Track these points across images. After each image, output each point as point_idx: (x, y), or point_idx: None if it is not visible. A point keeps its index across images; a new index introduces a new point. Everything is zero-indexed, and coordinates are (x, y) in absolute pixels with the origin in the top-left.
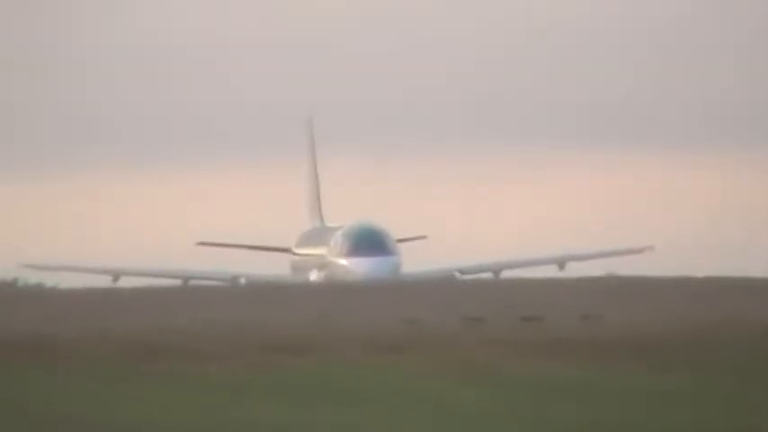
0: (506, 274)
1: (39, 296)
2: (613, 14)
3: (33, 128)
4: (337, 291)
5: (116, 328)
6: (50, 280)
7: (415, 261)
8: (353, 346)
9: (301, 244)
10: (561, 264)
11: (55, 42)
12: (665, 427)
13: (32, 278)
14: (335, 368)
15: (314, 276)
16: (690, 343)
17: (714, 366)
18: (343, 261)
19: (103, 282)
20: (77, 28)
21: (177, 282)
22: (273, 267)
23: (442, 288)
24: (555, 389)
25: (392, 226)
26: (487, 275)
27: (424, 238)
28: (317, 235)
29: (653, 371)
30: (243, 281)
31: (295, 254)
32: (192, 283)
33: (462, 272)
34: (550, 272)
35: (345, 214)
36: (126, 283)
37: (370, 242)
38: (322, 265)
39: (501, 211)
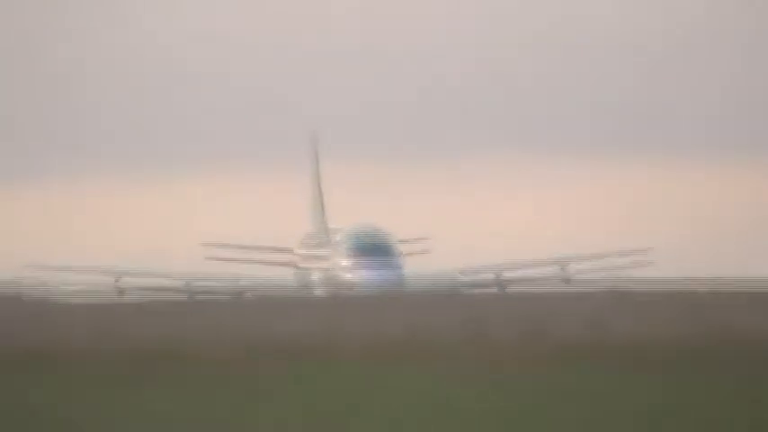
0: (508, 275)
1: (45, 305)
2: (614, 20)
3: (39, 133)
4: (340, 295)
5: (122, 337)
6: (53, 281)
7: (416, 263)
8: (357, 353)
9: (304, 246)
10: (563, 266)
11: (60, 48)
12: None
13: (36, 279)
14: (338, 374)
15: (316, 279)
16: (692, 352)
17: (716, 375)
18: (346, 263)
19: (105, 281)
20: (80, 33)
21: (180, 283)
22: (276, 271)
23: (446, 296)
24: (559, 396)
25: (394, 228)
26: (489, 276)
27: (425, 239)
28: (321, 238)
29: (656, 379)
30: (245, 283)
31: (297, 256)
32: (195, 284)
33: (464, 273)
34: (553, 274)
35: (348, 217)
36: (129, 283)
37: (372, 245)
38: (325, 267)
39: (503, 214)
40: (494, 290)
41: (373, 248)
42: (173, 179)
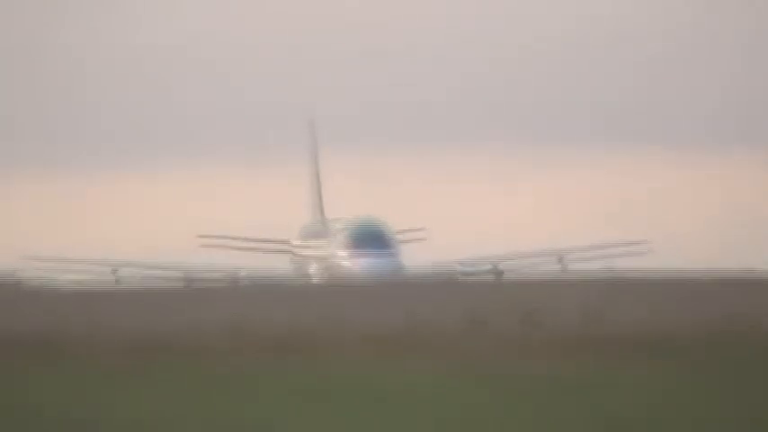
0: (506, 266)
1: (42, 295)
2: (614, 17)
3: (39, 125)
4: (338, 287)
5: (119, 327)
6: (51, 272)
7: (414, 253)
8: (354, 345)
9: (302, 238)
10: (560, 258)
11: (62, 43)
12: (665, 424)
13: (34, 271)
14: (336, 366)
15: (314, 270)
16: (691, 341)
17: (714, 363)
18: (344, 255)
19: (104, 274)
20: (81, 29)
21: (177, 274)
22: (274, 261)
23: (446, 287)
24: (556, 387)
25: (392, 219)
26: (487, 267)
27: (422, 230)
28: (318, 229)
29: (653, 368)
30: (243, 273)
31: (296, 247)
32: (193, 275)
33: (463, 265)
34: (550, 268)
35: (346, 209)
36: (126, 274)
37: (370, 236)
38: (322, 259)
39: (501, 206)
40: (491, 278)
41: (371, 239)
42: (171, 171)
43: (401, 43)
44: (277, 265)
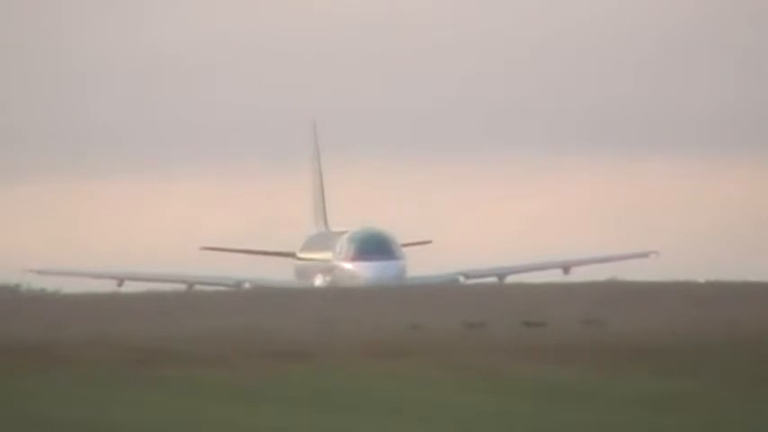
0: (511, 278)
1: (41, 301)
2: (616, 19)
3: (37, 133)
4: (341, 295)
5: (119, 334)
6: (53, 285)
7: (419, 266)
8: (357, 352)
9: (306, 249)
10: (566, 268)
11: (58, 46)
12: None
13: (36, 283)
14: (339, 373)
15: (319, 281)
16: (693, 348)
17: (717, 372)
18: (349, 265)
19: (107, 286)
20: (80, 31)
21: (181, 287)
22: (278, 272)
23: (446, 293)
24: (557, 394)
25: (397, 231)
26: (491, 280)
27: (428, 242)
28: (322, 240)
29: (656, 376)
30: (247, 285)
31: (300, 259)
32: (197, 287)
33: (467, 276)
34: (554, 276)
35: (350, 219)
36: (130, 287)
37: (375, 247)
38: (327, 269)
39: (505, 216)
40: (494, 284)
41: (376, 250)
42: (175, 180)
43: (403, 51)
44: (280, 275)
